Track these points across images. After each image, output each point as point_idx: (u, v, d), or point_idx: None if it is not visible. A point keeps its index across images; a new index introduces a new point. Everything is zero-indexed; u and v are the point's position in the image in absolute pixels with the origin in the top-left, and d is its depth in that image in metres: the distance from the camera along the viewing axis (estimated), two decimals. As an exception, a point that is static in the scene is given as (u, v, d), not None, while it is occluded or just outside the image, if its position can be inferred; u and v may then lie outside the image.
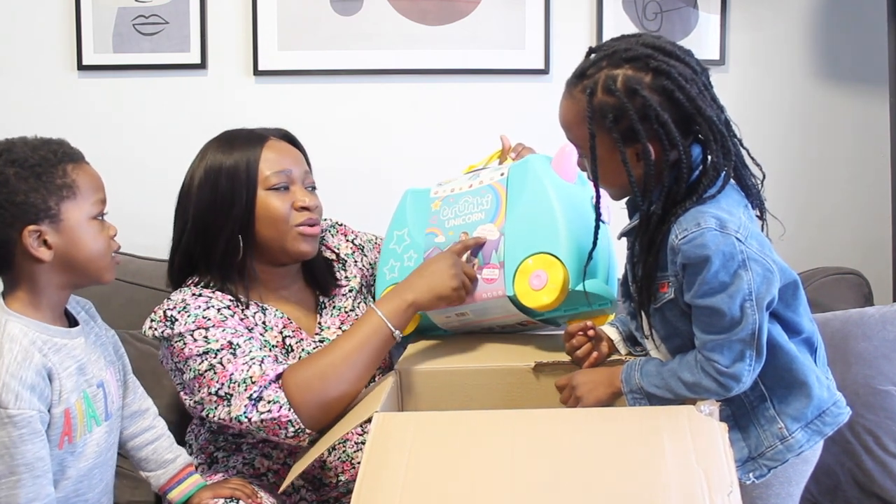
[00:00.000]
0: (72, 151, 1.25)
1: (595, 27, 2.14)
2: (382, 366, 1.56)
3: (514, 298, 1.41)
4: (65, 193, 1.20)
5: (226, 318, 1.43)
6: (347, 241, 1.71)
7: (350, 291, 1.64)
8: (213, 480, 1.45)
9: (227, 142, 1.52)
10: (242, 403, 1.34)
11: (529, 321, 1.49)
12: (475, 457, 1.08)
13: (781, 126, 2.18)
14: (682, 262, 1.13)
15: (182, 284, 1.53)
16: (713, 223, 1.11)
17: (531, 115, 2.00)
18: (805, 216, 2.18)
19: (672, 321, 1.20)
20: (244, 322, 1.47)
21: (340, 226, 1.74)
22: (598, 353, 1.32)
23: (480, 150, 1.67)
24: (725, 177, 1.16)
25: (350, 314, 1.61)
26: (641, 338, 1.30)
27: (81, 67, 2.13)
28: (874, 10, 2.11)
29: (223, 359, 1.37)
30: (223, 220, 1.48)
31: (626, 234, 1.28)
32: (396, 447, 1.08)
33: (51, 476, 1.20)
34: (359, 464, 1.20)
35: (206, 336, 1.39)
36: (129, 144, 2.15)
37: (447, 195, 1.55)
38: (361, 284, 1.66)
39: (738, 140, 1.20)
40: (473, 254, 1.47)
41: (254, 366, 1.37)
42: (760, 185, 1.23)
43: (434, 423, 1.16)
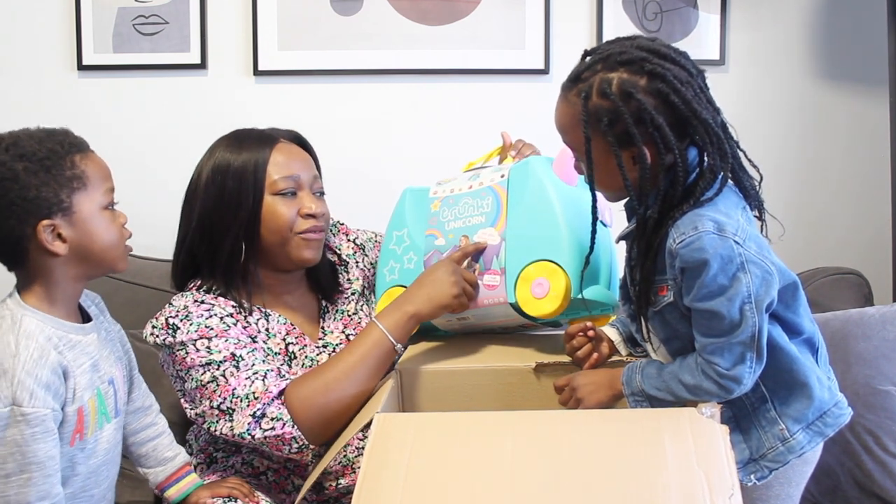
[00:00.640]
0: (77, 141, 1.24)
1: (595, 27, 2.14)
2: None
3: (516, 306, 1.40)
4: (75, 185, 1.19)
5: (228, 328, 1.42)
6: (348, 241, 1.70)
7: (353, 294, 1.63)
8: (211, 480, 1.45)
9: (237, 141, 1.50)
10: (245, 421, 1.34)
11: (531, 324, 1.48)
12: (475, 458, 1.08)
13: (781, 126, 2.18)
14: (681, 266, 1.13)
15: (185, 286, 1.52)
16: (711, 226, 1.11)
17: (531, 115, 2.00)
18: (805, 216, 2.18)
19: (672, 324, 1.20)
20: (247, 330, 1.46)
21: (341, 225, 1.72)
22: (599, 354, 1.32)
23: (480, 151, 1.66)
24: (723, 179, 1.15)
25: (353, 318, 1.61)
26: (641, 340, 1.30)
27: (81, 67, 2.13)
28: (874, 11, 2.11)
29: (226, 371, 1.37)
30: (229, 222, 1.46)
31: (625, 238, 1.28)
32: (397, 448, 1.08)
33: (59, 474, 1.20)
34: (359, 468, 1.19)
35: (209, 346, 1.38)
36: (129, 144, 2.15)
37: (447, 196, 1.53)
38: (363, 286, 1.65)
39: (735, 142, 1.19)
40: (474, 259, 1.46)
41: (256, 381, 1.36)
42: (758, 187, 1.22)
43: (434, 424, 1.16)
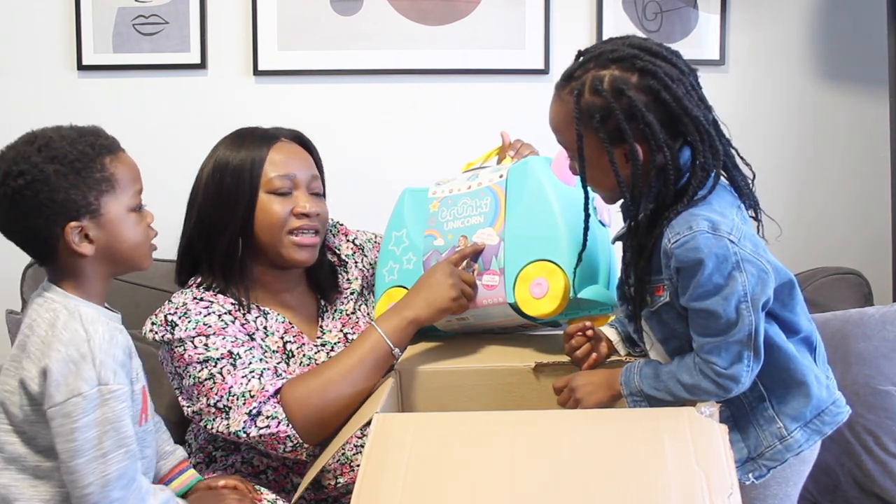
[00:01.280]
0: (108, 142, 1.24)
1: (595, 27, 2.14)
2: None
3: (515, 306, 1.40)
4: (104, 187, 1.20)
5: (226, 325, 1.43)
6: (348, 242, 1.70)
7: (351, 294, 1.63)
8: (210, 477, 1.44)
9: (238, 139, 1.52)
10: (241, 419, 1.35)
11: (530, 324, 1.49)
12: (475, 458, 1.08)
13: (781, 126, 2.18)
14: (676, 266, 1.13)
15: (186, 283, 1.53)
16: (705, 226, 1.11)
17: (531, 115, 1.98)
18: (805, 216, 2.18)
19: (669, 324, 1.20)
20: (245, 328, 1.46)
21: (341, 225, 1.73)
22: (598, 354, 1.32)
23: (480, 151, 1.66)
24: (715, 177, 1.16)
25: (351, 317, 1.61)
26: (639, 340, 1.30)
27: (81, 67, 2.12)
28: (874, 11, 2.11)
29: (223, 369, 1.38)
30: (226, 219, 1.47)
31: (620, 238, 1.28)
32: (396, 448, 1.08)
33: None
34: (357, 466, 1.19)
35: (207, 344, 1.39)
36: (129, 144, 2.09)
37: (445, 196, 1.53)
38: (362, 287, 1.66)
39: (728, 140, 1.19)
40: (473, 260, 1.46)
41: (253, 379, 1.37)
42: (752, 185, 1.22)
43: (434, 424, 1.16)
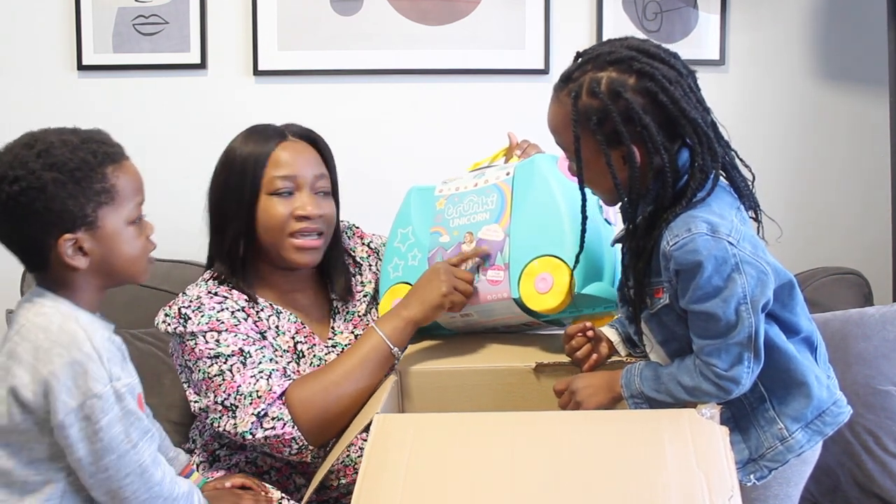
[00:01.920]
0: (112, 150, 1.19)
1: (595, 27, 2.14)
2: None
3: (520, 301, 1.40)
4: (103, 199, 1.14)
5: (239, 322, 1.43)
6: (363, 245, 1.71)
7: (364, 297, 1.64)
8: (214, 478, 1.44)
9: (249, 134, 1.52)
10: (248, 420, 1.35)
11: (534, 322, 1.49)
12: (475, 458, 1.08)
13: (781, 126, 2.18)
14: (675, 269, 1.13)
15: (206, 272, 1.54)
16: (704, 228, 1.11)
17: (531, 115, 1.97)
18: (805, 216, 2.18)
19: (669, 326, 1.20)
20: (258, 325, 1.47)
21: (356, 228, 1.73)
22: (598, 355, 1.32)
23: (480, 151, 1.66)
24: (714, 179, 1.15)
25: (363, 319, 1.61)
26: (639, 342, 1.30)
27: (81, 67, 2.12)
28: (874, 10, 2.11)
29: (233, 366, 1.38)
30: (230, 215, 1.49)
31: (620, 241, 1.28)
32: (396, 448, 1.09)
33: None
34: (361, 467, 1.20)
35: (219, 340, 1.40)
36: (129, 144, 2.08)
37: (452, 194, 1.54)
38: (375, 290, 1.66)
39: (727, 142, 1.19)
40: (482, 261, 1.45)
41: (261, 380, 1.37)
42: (752, 187, 1.22)
43: (434, 425, 1.16)
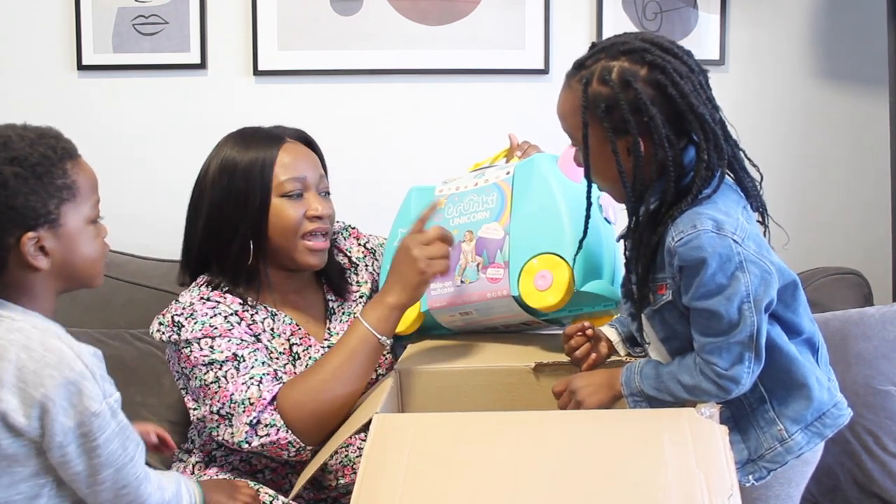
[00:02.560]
0: (69, 146, 1.15)
1: (595, 27, 2.14)
2: (385, 365, 1.57)
3: (519, 299, 1.41)
4: (65, 195, 1.10)
5: (232, 327, 1.43)
6: (359, 245, 1.71)
7: (360, 297, 1.64)
8: (211, 479, 1.43)
9: (244, 139, 1.51)
10: (243, 429, 1.36)
11: (534, 321, 1.49)
12: (475, 458, 1.08)
13: (781, 126, 2.18)
14: (679, 265, 1.13)
15: (188, 284, 1.53)
16: (709, 225, 1.11)
17: (531, 115, 2.00)
18: (805, 216, 2.18)
19: (671, 323, 1.20)
20: (252, 328, 1.47)
21: (353, 228, 1.73)
22: (597, 355, 1.32)
23: (480, 151, 1.66)
24: (720, 176, 1.15)
25: None
26: (641, 339, 1.30)
27: (81, 67, 2.12)
28: (874, 11, 2.11)
29: (227, 373, 1.38)
30: (237, 222, 1.47)
31: (624, 237, 1.28)
32: (396, 448, 1.08)
33: None
34: (359, 468, 1.20)
35: (212, 346, 1.40)
36: (129, 144, 2.15)
37: (452, 193, 1.54)
38: (372, 290, 1.66)
39: (735, 142, 1.19)
40: (478, 251, 1.45)
41: (252, 386, 1.37)
42: (759, 187, 1.22)
43: (434, 425, 1.16)
